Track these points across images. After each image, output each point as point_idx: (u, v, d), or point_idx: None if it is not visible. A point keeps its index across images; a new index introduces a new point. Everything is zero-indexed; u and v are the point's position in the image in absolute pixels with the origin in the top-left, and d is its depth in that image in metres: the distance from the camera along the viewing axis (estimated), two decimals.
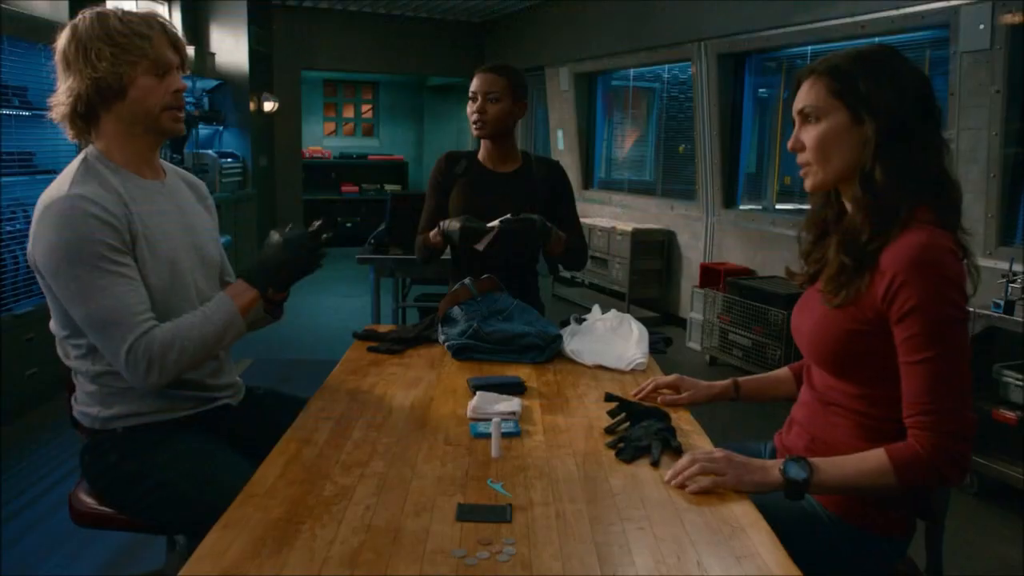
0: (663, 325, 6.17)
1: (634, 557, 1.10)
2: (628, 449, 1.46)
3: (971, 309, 3.31)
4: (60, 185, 1.53)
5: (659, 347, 2.23)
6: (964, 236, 1.35)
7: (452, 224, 2.31)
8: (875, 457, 1.28)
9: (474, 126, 2.48)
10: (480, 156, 2.57)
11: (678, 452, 1.47)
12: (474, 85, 2.46)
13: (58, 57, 1.58)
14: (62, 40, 1.57)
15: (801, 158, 1.42)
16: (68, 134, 1.63)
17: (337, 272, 8.25)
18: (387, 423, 1.59)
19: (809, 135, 1.39)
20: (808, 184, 1.43)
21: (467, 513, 1.21)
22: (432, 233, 2.43)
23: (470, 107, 2.48)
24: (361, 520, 1.19)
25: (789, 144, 1.42)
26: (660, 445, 1.47)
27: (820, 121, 1.37)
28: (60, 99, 1.58)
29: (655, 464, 1.42)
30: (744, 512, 1.25)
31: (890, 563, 1.47)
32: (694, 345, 5.51)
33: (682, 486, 1.30)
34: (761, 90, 5.82)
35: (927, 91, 1.36)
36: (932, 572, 1.55)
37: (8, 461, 3.39)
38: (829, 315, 1.40)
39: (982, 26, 3.68)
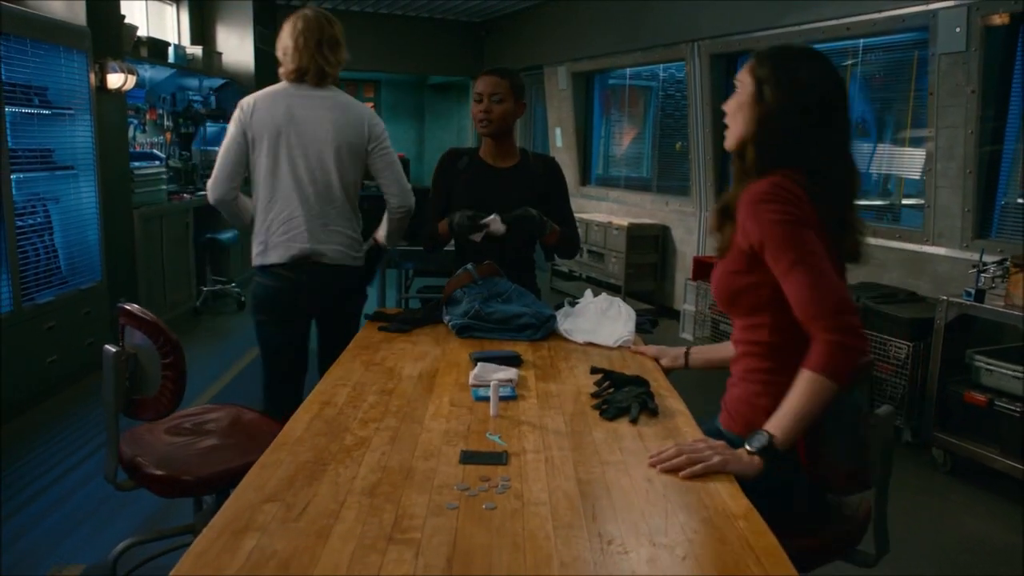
0: (657, 317, 6.35)
1: (610, 489, 1.30)
2: (611, 409, 1.65)
3: (944, 298, 3.53)
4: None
5: (645, 327, 2.42)
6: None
7: (456, 217, 2.51)
8: (802, 378, 1.40)
9: (480, 125, 2.65)
10: (481, 153, 2.75)
11: (654, 413, 1.67)
12: (479, 87, 2.63)
13: (330, 33, 2.55)
14: (328, 22, 2.56)
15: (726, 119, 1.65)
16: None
17: None
18: (398, 389, 1.79)
19: (730, 102, 1.63)
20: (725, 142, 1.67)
21: (469, 457, 1.41)
22: (440, 224, 2.62)
23: (476, 107, 2.64)
24: (378, 462, 1.38)
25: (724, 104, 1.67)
26: (639, 406, 1.66)
27: (739, 92, 1.60)
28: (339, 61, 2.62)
29: (634, 421, 1.61)
30: None
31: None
32: (687, 336, 5.70)
33: (672, 470, 1.37)
34: None
35: (829, 98, 1.53)
36: (877, 540, 1.65)
37: (36, 441, 3.59)
38: (718, 264, 1.66)
39: (958, 29, 3.86)
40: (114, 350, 1.73)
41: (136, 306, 1.76)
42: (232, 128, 2.55)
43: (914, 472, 3.55)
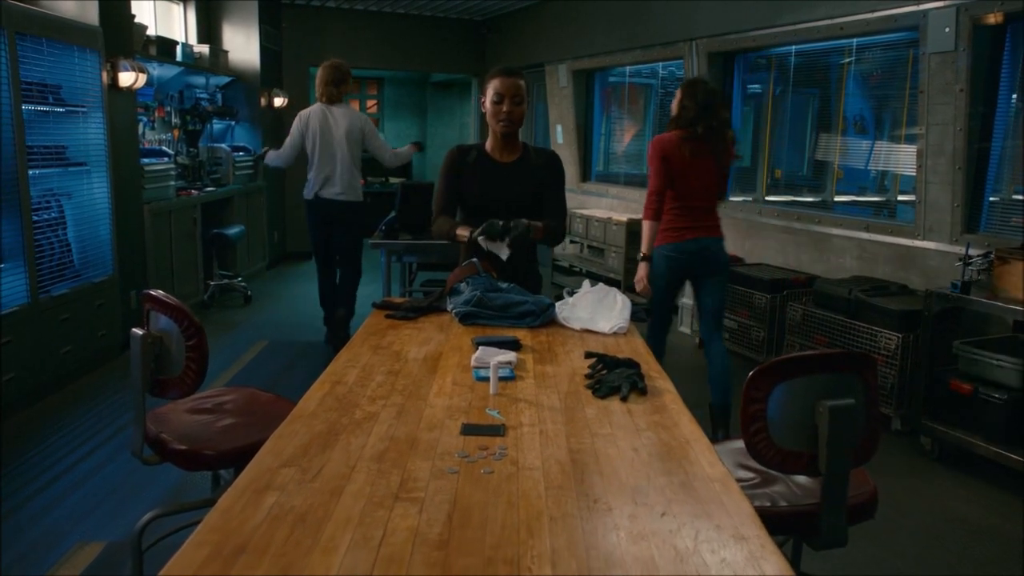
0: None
1: (599, 457, 1.42)
2: (602, 388, 1.77)
3: (932, 290, 3.64)
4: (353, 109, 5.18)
5: (639, 315, 2.54)
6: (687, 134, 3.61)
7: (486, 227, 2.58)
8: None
9: (502, 124, 2.73)
10: (488, 148, 2.86)
11: (643, 392, 1.79)
12: (500, 88, 2.69)
13: (338, 76, 5.01)
14: (336, 68, 5.04)
15: None
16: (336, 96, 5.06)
17: None
18: (404, 370, 1.91)
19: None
20: None
21: (470, 429, 1.53)
22: (461, 232, 2.68)
23: (495, 107, 2.71)
24: (386, 433, 1.50)
25: None
26: (629, 385, 1.78)
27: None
28: (346, 90, 5.10)
29: (624, 399, 1.73)
30: (691, 431, 1.56)
31: None
32: (685, 329, 5.82)
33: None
34: (755, 86, 6.10)
35: (703, 102, 3.57)
36: (825, 528, 1.63)
37: (54, 427, 3.73)
38: None
39: (947, 29, 3.97)
40: (141, 333, 1.85)
41: (161, 292, 1.88)
42: (295, 128, 5.08)
43: (903, 458, 3.66)
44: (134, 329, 1.87)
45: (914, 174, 4.43)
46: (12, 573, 2.48)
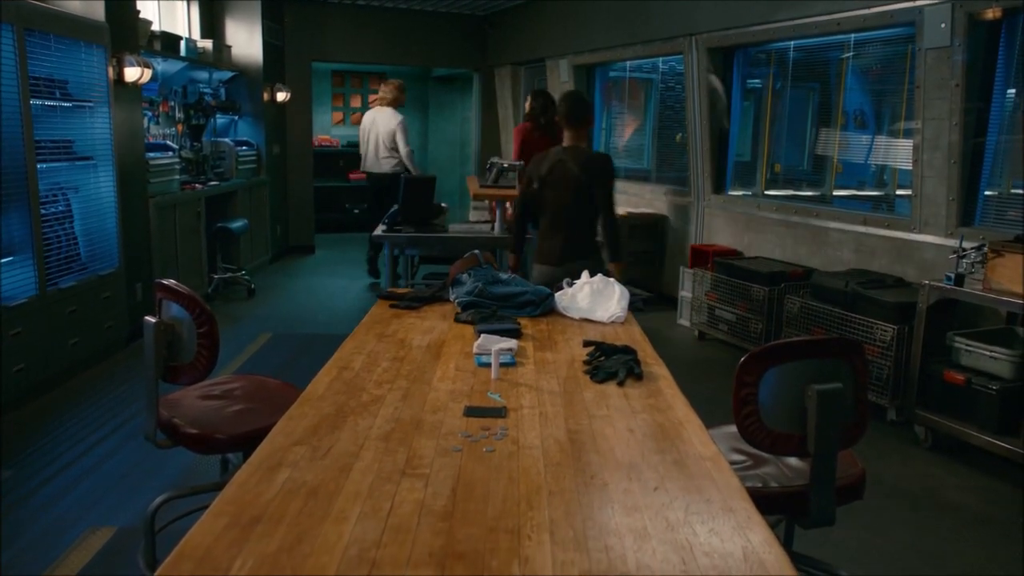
0: (655, 304, 6.52)
1: (596, 437, 1.48)
2: (600, 373, 1.84)
3: (926, 282, 3.69)
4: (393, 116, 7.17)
5: (637, 305, 2.60)
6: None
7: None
8: None
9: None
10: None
11: (639, 377, 1.85)
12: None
13: (391, 86, 7.20)
14: (389, 81, 7.29)
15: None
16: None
17: (346, 255, 8.63)
18: (408, 356, 1.97)
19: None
20: None
21: (472, 411, 1.60)
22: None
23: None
24: (391, 415, 1.57)
25: None
26: (625, 370, 1.84)
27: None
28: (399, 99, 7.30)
29: (620, 384, 1.80)
30: (684, 414, 1.63)
31: None
32: (684, 322, 5.88)
33: None
34: (755, 81, 6.14)
35: (542, 105, 5.55)
36: (814, 508, 1.70)
37: (63, 417, 3.80)
38: None
39: (943, 25, 4.01)
40: (154, 321, 1.91)
41: (173, 281, 1.94)
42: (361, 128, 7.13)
43: (897, 448, 3.72)
44: (147, 317, 1.93)
45: (911, 168, 4.48)
46: (24, 559, 2.54)
